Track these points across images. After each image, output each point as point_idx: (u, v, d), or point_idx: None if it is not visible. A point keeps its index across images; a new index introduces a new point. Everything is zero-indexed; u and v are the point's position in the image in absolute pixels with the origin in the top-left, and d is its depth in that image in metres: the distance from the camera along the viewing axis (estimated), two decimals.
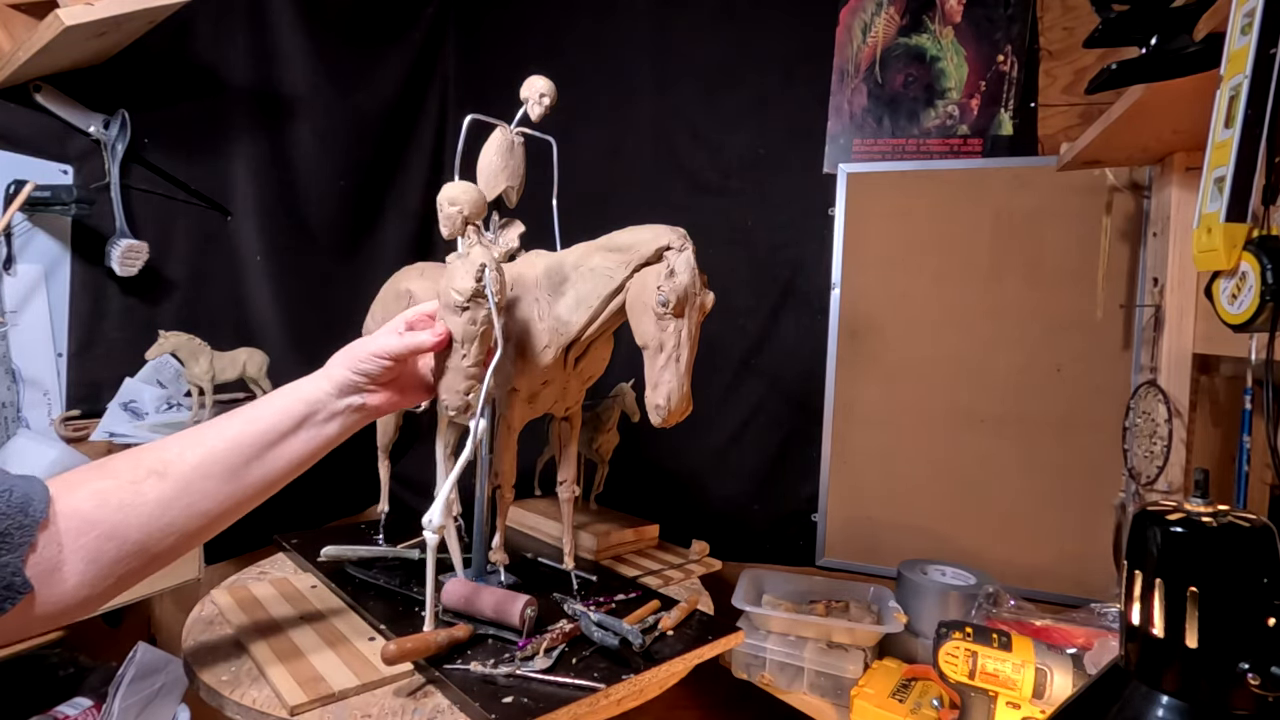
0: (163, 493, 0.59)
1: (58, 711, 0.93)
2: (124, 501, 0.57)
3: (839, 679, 1.09)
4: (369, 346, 0.72)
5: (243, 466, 0.64)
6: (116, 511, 0.56)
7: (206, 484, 0.61)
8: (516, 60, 1.77)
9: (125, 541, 0.57)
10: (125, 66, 1.19)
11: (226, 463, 0.63)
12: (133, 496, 0.57)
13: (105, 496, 0.57)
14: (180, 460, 0.60)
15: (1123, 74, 0.78)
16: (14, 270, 1.11)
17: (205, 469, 0.61)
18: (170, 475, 0.59)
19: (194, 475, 0.60)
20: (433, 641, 0.78)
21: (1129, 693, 0.44)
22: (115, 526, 0.56)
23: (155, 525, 0.58)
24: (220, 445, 0.63)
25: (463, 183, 0.80)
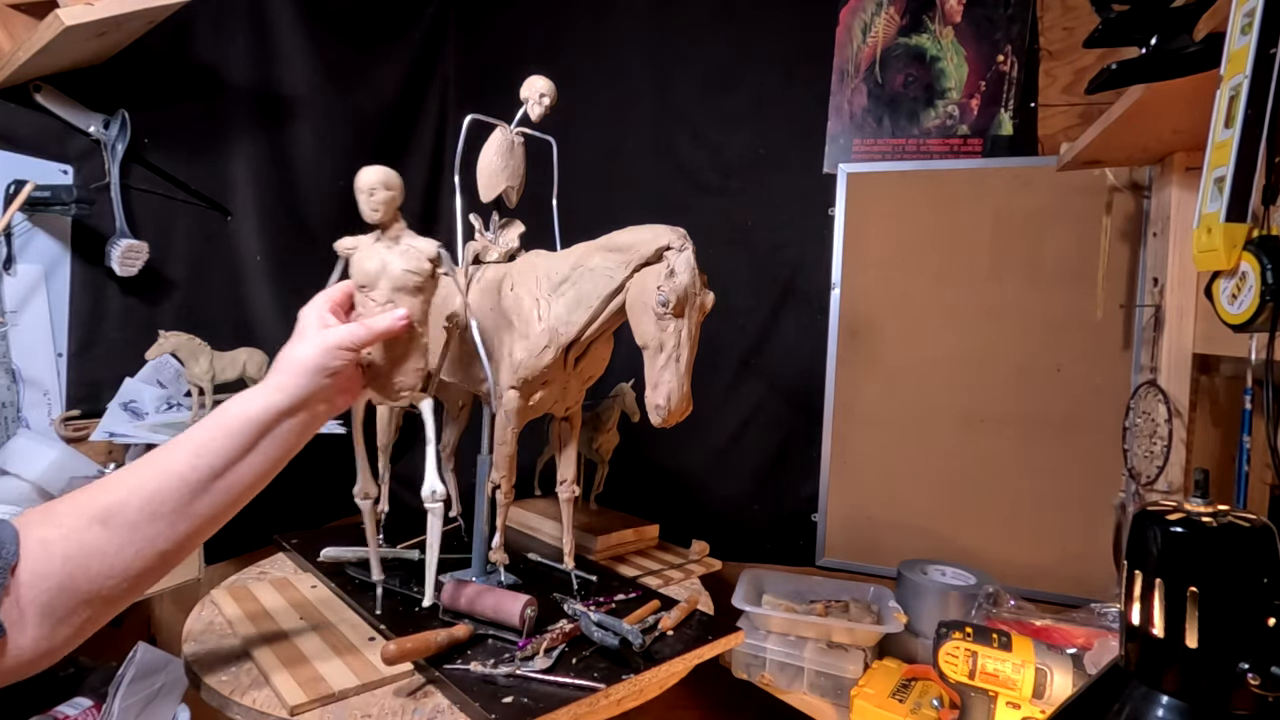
0: (107, 542, 0.54)
1: (58, 711, 0.93)
2: (68, 554, 0.53)
3: (839, 679, 1.09)
4: (329, 341, 0.67)
5: (191, 501, 0.58)
6: (63, 564, 0.52)
7: (155, 526, 0.56)
8: (516, 60, 1.76)
9: (76, 593, 0.53)
10: (125, 66, 1.19)
11: (174, 502, 0.57)
12: (77, 549, 0.53)
13: (49, 548, 0.52)
14: (123, 507, 0.55)
15: (1123, 74, 0.78)
16: (14, 270, 1.11)
17: (151, 511, 0.56)
18: (113, 523, 0.55)
19: (139, 519, 0.56)
20: (433, 641, 0.78)
21: (1129, 693, 0.44)
22: (65, 579, 0.52)
23: (104, 574, 0.54)
24: (166, 484, 0.57)
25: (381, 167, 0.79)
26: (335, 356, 0.67)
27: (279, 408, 0.63)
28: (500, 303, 0.96)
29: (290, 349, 0.67)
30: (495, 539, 1.02)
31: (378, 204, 0.78)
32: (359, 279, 0.77)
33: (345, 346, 0.67)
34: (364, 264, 0.77)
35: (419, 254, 0.78)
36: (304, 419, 0.66)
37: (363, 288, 0.77)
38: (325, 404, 0.68)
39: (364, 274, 0.77)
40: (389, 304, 0.76)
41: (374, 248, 0.79)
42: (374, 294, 0.76)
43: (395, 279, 0.77)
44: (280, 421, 0.63)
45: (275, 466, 0.65)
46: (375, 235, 0.80)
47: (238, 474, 0.61)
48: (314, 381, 0.65)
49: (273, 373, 0.66)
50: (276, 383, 0.65)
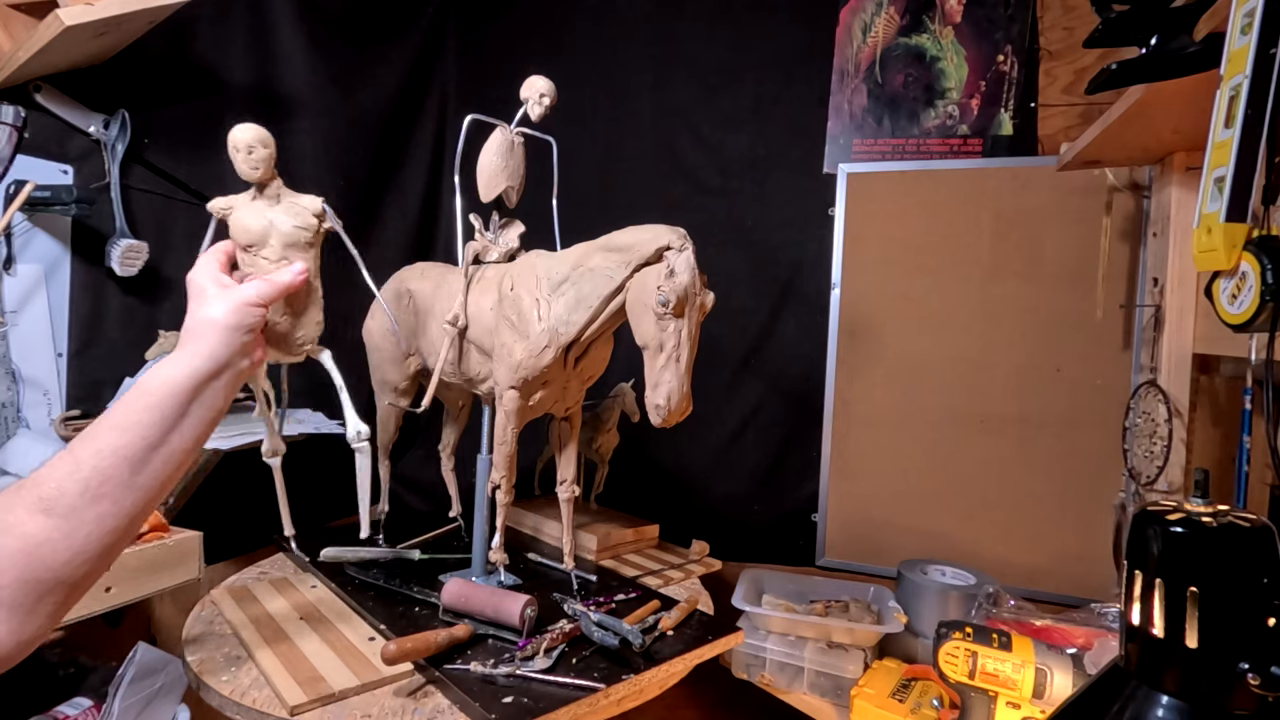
0: (55, 529, 0.54)
1: (58, 711, 0.93)
2: (13, 549, 0.53)
3: (839, 679, 1.09)
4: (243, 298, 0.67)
5: (132, 477, 0.58)
6: (13, 559, 0.53)
7: (100, 506, 0.57)
8: (516, 60, 1.77)
9: (39, 584, 0.53)
10: (125, 66, 1.19)
11: (115, 480, 0.57)
12: (23, 543, 0.53)
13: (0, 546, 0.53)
14: (62, 494, 0.55)
15: (1123, 74, 0.78)
16: (14, 270, 1.11)
17: (92, 493, 0.56)
18: (56, 511, 0.55)
19: (81, 503, 0.56)
20: (433, 641, 0.79)
21: (1129, 693, 0.44)
22: (22, 573, 0.53)
23: (61, 561, 0.54)
24: (102, 464, 0.57)
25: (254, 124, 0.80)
26: (249, 314, 0.67)
27: (204, 372, 0.63)
28: (500, 303, 0.96)
29: (200, 312, 0.67)
30: (495, 539, 1.02)
31: (257, 161, 0.79)
32: (244, 239, 0.77)
33: (255, 303, 0.68)
34: (247, 223, 0.78)
35: (305, 210, 0.80)
36: (227, 379, 0.66)
37: (250, 247, 0.77)
38: (245, 360, 0.68)
39: (249, 233, 0.77)
40: (282, 261, 0.77)
41: (253, 206, 0.79)
42: (264, 252, 0.77)
43: (286, 236, 0.78)
44: (207, 384, 0.64)
45: (209, 429, 0.65)
46: (251, 194, 0.80)
47: (172, 443, 0.61)
48: (233, 339, 0.66)
49: (187, 338, 0.65)
50: (195, 349, 0.64)
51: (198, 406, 0.63)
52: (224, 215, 0.79)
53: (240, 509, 1.21)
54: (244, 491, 1.13)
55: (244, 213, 0.78)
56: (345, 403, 0.86)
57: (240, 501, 1.19)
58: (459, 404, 1.27)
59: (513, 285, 0.95)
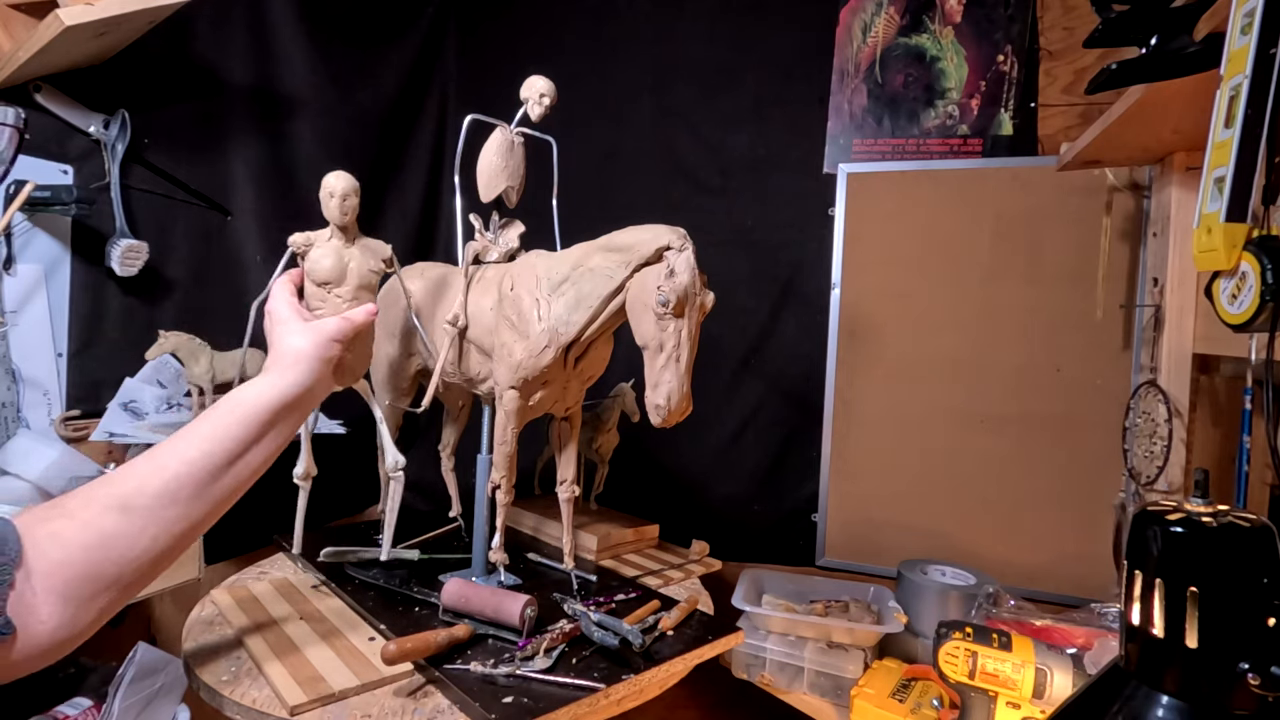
0: (129, 527, 0.57)
1: (58, 711, 0.93)
2: (88, 542, 0.55)
3: (839, 679, 1.09)
4: (329, 334, 0.72)
5: (209, 485, 0.62)
6: (85, 552, 0.55)
7: (174, 510, 0.59)
8: (516, 60, 1.77)
9: (102, 578, 0.55)
10: (125, 66, 1.19)
11: (192, 486, 0.60)
12: (97, 536, 0.55)
13: (67, 540, 0.54)
14: (140, 493, 0.58)
15: (1123, 74, 0.77)
16: (14, 270, 1.11)
17: (170, 495, 0.59)
18: (134, 509, 0.57)
19: (157, 505, 0.58)
20: (433, 641, 0.79)
21: (1129, 693, 0.44)
22: (89, 566, 0.55)
23: (127, 559, 0.57)
24: (184, 470, 0.60)
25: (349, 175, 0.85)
26: (330, 348, 0.72)
27: (289, 396, 0.68)
28: (500, 303, 0.96)
29: (288, 341, 0.71)
30: (495, 539, 1.02)
31: (348, 209, 0.84)
32: (320, 276, 0.82)
33: (337, 339, 0.73)
34: (325, 262, 0.83)
35: (377, 254, 0.86)
36: (308, 406, 0.71)
37: (325, 284, 0.83)
38: (324, 390, 0.73)
39: (325, 271, 0.82)
40: (354, 300, 0.83)
41: (331, 245, 0.84)
42: (339, 290, 0.83)
43: (362, 277, 0.84)
44: (291, 407, 0.68)
45: (277, 452, 0.69)
46: (329, 233, 0.85)
47: (249, 459, 0.65)
48: (318, 369, 0.71)
49: (278, 364, 0.70)
50: (283, 375, 0.69)
51: (277, 428, 0.67)
52: (302, 251, 0.85)
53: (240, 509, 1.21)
54: None
55: (323, 251, 0.84)
56: (384, 434, 0.93)
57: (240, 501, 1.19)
58: (459, 404, 1.27)
59: (513, 285, 0.95)
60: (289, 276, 0.81)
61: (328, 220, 0.85)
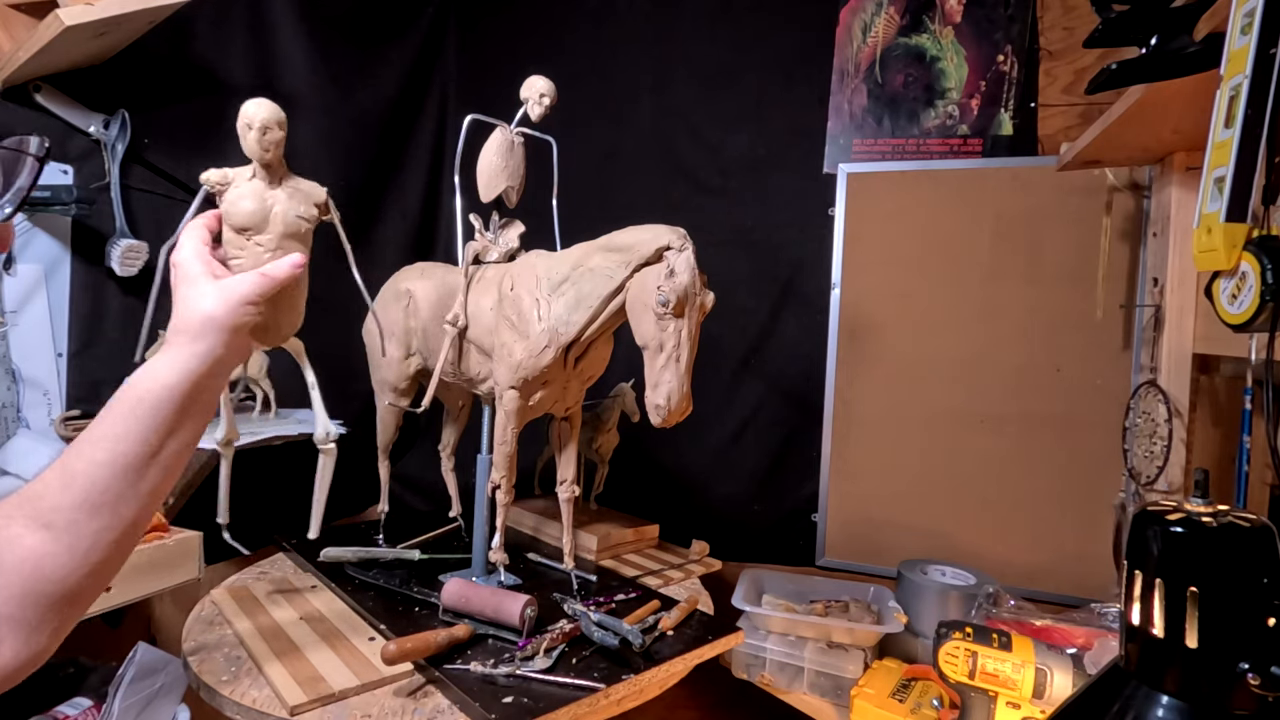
0: (55, 544, 0.52)
1: (58, 711, 0.93)
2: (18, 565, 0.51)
3: (839, 679, 1.09)
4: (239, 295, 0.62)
5: (134, 484, 0.56)
6: (17, 576, 0.51)
7: (100, 519, 0.54)
8: (516, 60, 1.77)
9: (43, 597, 0.51)
10: (125, 66, 1.19)
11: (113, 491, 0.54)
12: (26, 555, 0.51)
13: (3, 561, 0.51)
14: (58, 509, 0.53)
15: (1123, 74, 0.77)
16: (14, 270, 1.11)
17: (90, 507, 0.53)
18: (56, 526, 0.52)
19: (80, 516, 0.53)
20: (433, 641, 0.79)
21: (1129, 693, 0.44)
22: (25, 589, 0.51)
23: (66, 574, 0.52)
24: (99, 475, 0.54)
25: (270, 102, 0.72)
26: (245, 312, 0.62)
27: (196, 373, 0.59)
28: (500, 303, 0.96)
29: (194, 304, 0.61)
30: (495, 539, 1.02)
31: (270, 143, 0.71)
32: (239, 220, 0.70)
33: (252, 300, 0.62)
34: (245, 204, 0.70)
35: (309, 197, 0.74)
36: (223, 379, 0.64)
37: (244, 230, 0.70)
38: (239, 358, 0.65)
39: (245, 215, 0.70)
40: (278, 250, 0.70)
41: (252, 185, 0.72)
42: (260, 238, 0.70)
43: (288, 224, 0.71)
44: (201, 385, 0.60)
45: (203, 429, 0.62)
46: (251, 171, 0.73)
47: (169, 448, 0.58)
48: (227, 338, 0.61)
49: (182, 334, 0.60)
50: (193, 349, 0.60)
51: (192, 410, 0.60)
52: (218, 191, 0.72)
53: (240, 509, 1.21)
54: (244, 491, 1.13)
55: (242, 191, 0.71)
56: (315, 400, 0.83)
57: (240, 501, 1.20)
58: (459, 404, 1.27)
59: (513, 285, 0.95)
60: (203, 220, 0.69)
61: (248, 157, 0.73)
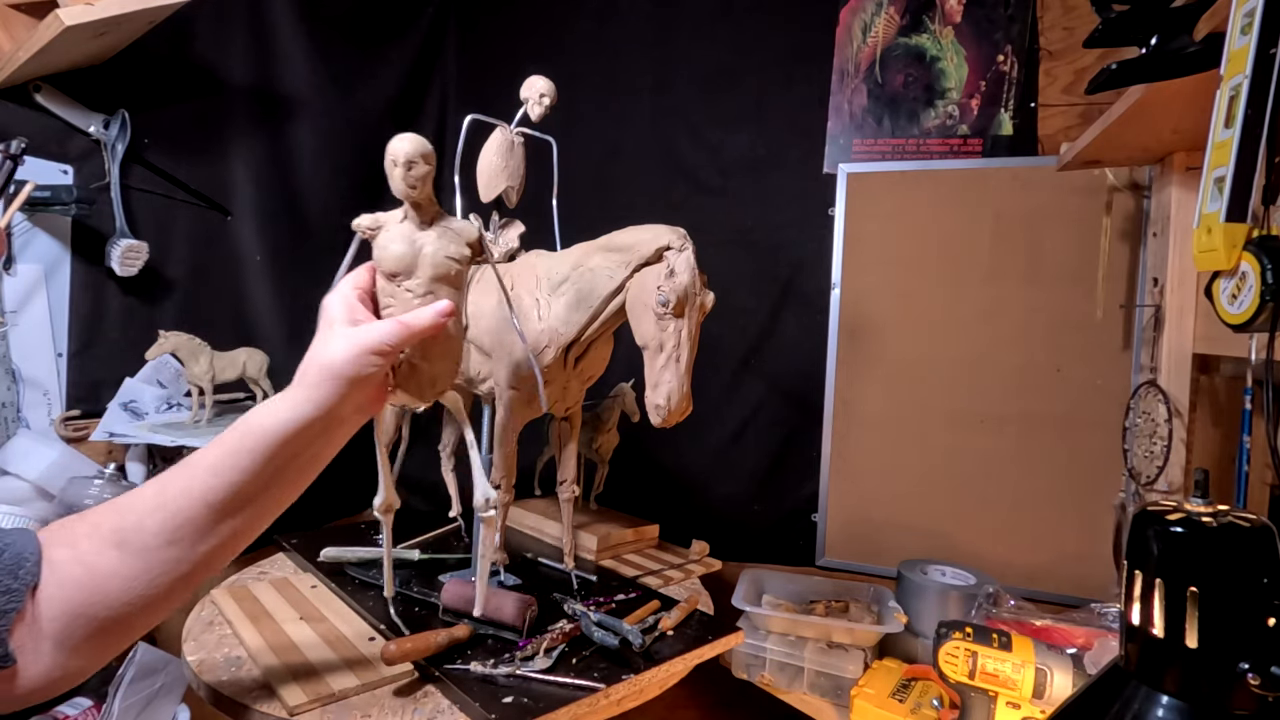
0: (122, 567, 0.50)
1: (58, 711, 0.93)
2: (79, 579, 0.49)
3: (839, 679, 1.09)
4: (367, 344, 0.57)
5: (216, 524, 0.53)
6: (75, 589, 0.49)
7: (172, 550, 0.51)
8: (516, 60, 1.77)
9: (93, 620, 0.49)
10: (125, 66, 1.19)
11: (194, 525, 0.52)
12: (88, 573, 0.50)
13: (61, 571, 0.49)
14: (139, 530, 0.51)
15: (1123, 74, 0.78)
16: (14, 270, 1.11)
17: (170, 535, 0.51)
18: (130, 547, 0.50)
19: (157, 544, 0.51)
20: (433, 641, 0.78)
21: (1129, 693, 0.44)
22: (78, 605, 0.49)
23: (123, 600, 0.50)
24: (185, 506, 0.52)
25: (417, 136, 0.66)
26: (369, 363, 0.57)
27: (305, 420, 0.55)
28: (500, 303, 0.96)
29: (319, 350, 0.57)
30: (495, 539, 1.02)
31: (416, 179, 0.66)
32: (388, 265, 0.66)
33: (380, 351, 0.57)
34: (393, 248, 0.66)
35: (459, 236, 0.68)
36: (341, 430, 0.59)
37: (394, 276, 0.66)
38: (358, 412, 0.60)
39: (395, 259, 0.65)
40: (428, 295, 0.65)
41: (401, 228, 0.67)
42: (409, 284, 0.66)
43: (437, 266, 0.66)
44: (309, 434, 0.56)
45: (307, 480, 0.59)
46: (402, 213, 0.68)
47: (271, 493, 0.56)
48: (345, 390, 0.56)
49: (300, 378, 0.57)
50: (306, 394, 0.56)
51: (298, 460, 0.56)
52: (369, 236, 0.69)
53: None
54: None
55: (391, 235, 0.67)
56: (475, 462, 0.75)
57: None
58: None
59: (513, 285, 0.95)
60: (360, 272, 0.66)
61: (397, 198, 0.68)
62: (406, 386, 0.67)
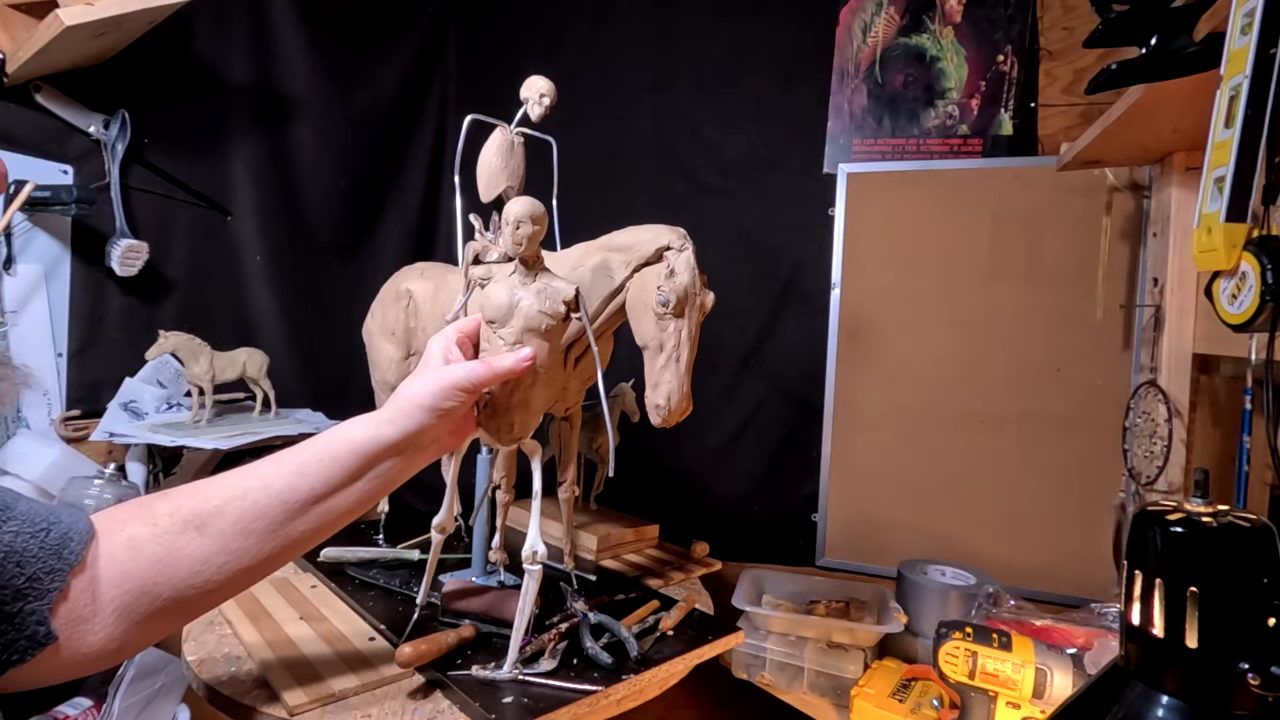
0: (198, 550, 0.54)
1: (58, 711, 0.93)
2: (157, 556, 0.52)
3: (839, 679, 1.09)
4: (450, 380, 0.63)
5: (287, 522, 0.57)
6: (149, 566, 0.52)
7: (246, 541, 0.56)
8: (516, 60, 1.77)
9: (157, 599, 0.52)
10: (125, 66, 1.19)
11: (270, 518, 0.57)
12: (166, 551, 0.53)
13: (140, 547, 0.52)
14: (219, 515, 0.55)
15: (1123, 74, 0.78)
16: (14, 270, 1.11)
17: (246, 525, 0.55)
18: (208, 531, 0.54)
19: (233, 532, 0.55)
20: (444, 643, 0.79)
21: (1129, 693, 0.44)
22: (147, 582, 0.52)
23: (189, 583, 0.54)
24: (264, 500, 0.56)
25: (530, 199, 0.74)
26: (450, 396, 0.63)
27: (386, 441, 0.61)
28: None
29: (410, 381, 0.65)
30: (495, 539, 1.02)
31: (522, 238, 0.72)
32: (488, 313, 0.72)
33: (463, 387, 0.64)
34: (495, 297, 0.72)
35: (556, 295, 0.73)
36: (414, 457, 0.64)
37: (491, 323, 0.72)
38: (434, 443, 0.66)
39: (494, 308, 0.71)
40: (517, 344, 0.71)
41: (507, 281, 0.73)
42: (503, 331, 0.71)
43: (529, 319, 0.71)
44: (387, 455, 0.62)
45: (375, 498, 0.63)
46: (512, 268, 0.75)
47: (336, 501, 0.60)
48: (425, 419, 0.63)
49: (390, 406, 0.64)
50: (389, 416, 0.62)
51: (372, 475, 0.61)
52: (481, 283, 0.76)
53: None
54: None
55: (496, 286, 0.73)
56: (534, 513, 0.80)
57: None
58: None
59: None
60: (471, 319, 0.73)
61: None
62: (488, 426, 0.73)
